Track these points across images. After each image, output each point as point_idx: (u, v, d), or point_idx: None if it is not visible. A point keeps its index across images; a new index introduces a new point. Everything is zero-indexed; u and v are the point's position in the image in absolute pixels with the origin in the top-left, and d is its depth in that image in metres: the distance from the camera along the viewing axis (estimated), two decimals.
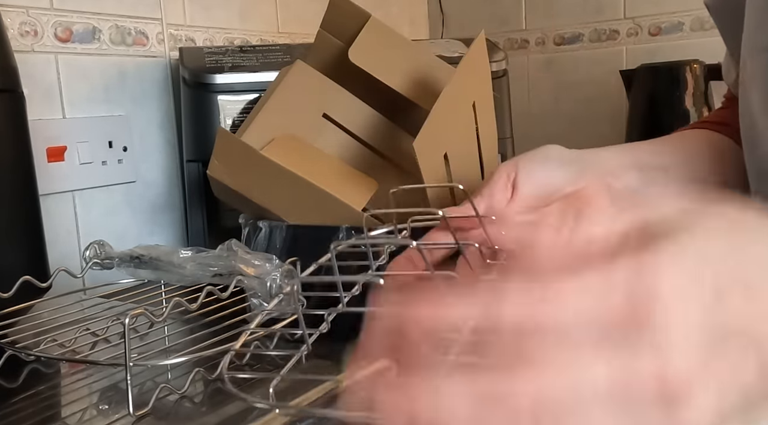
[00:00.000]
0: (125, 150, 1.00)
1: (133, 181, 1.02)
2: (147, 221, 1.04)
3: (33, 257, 0.73)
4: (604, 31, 1.50)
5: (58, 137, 0.91)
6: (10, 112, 0.71)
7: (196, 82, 0.97)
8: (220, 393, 0.54)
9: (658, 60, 1.34)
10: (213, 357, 0.55)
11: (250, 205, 0.68)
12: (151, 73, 1.04)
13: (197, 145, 0.99)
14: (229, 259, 0.64)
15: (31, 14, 0.89)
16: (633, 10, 1.48)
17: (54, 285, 0.67)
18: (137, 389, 0.53)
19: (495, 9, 1.61)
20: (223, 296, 0.60)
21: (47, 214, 0.80)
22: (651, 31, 1.47)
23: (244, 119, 0.80)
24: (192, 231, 1.03)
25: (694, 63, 1.29)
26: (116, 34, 0.99)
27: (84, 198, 0.95)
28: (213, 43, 1.13)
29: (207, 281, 0.65)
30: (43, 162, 0.88)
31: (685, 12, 1.42)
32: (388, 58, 0.70)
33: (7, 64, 0.71)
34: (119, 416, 0.50)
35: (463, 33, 1.29)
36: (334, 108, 0.71)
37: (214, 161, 0.68)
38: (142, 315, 0.53)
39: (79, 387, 0.58)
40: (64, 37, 0.93)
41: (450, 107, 0.63)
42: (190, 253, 0.68)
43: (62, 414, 0.53)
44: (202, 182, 0.97)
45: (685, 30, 1.43)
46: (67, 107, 0.93)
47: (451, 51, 1.02)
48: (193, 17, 1.10)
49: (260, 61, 0.99)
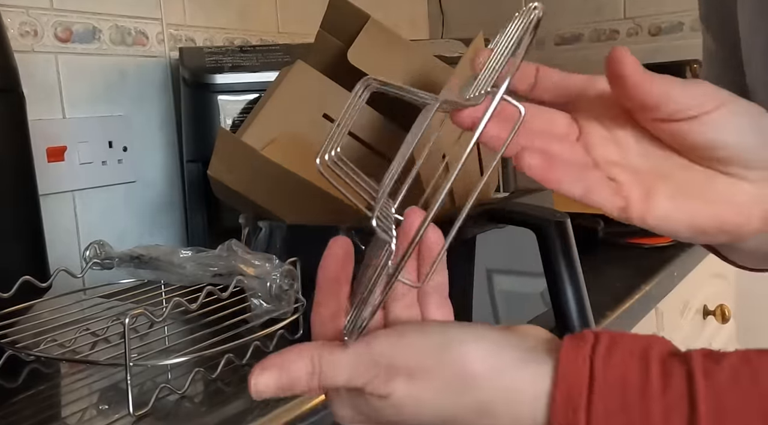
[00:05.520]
0: (125, 150, 1.00)
1: (133, 181, 1.02)
2: (147, 221, 1.04)
3: (33, 257, 0.73)
4: (604, 31, 1.50)
5: (58, 137, 0.91)
6: (10, 112, 0.71)
7: (196, 82, 0.97)
8: (220, 393, 0.54)
9: (658, 60, 1.34)
10: (213, 357, 0.56)
11: (250, 205, 0.69)
12: (151, 73, 1.04)
13: (197, 145, 0.99)
14: (229, 259, 0.64)
15: (31, 14, 0.89)
16: (633, 10, 1.48)
17: (54, 285, 0.67)
18: (137, 389, 0.53)
19: (495, 9, 1.61)
20: (223, 296, 0.60)
21: (47, 214, 0.80)
22: (651, 31, 1.47)
23: (244, 119, 0.80)
24: (192, 231, 1.03)
25: (694, 63, 1.29)
26: (116, 34, 0.99)
27: (84, 198, 0.95)
28: (213, 43, 1.13)
29: (207, 281, 0.65)
30: (43, 162, 0.88)
31: (685, 12, 1.42)
32: (387, 59, 0.70)
33: (7, 64, 0.71)
34: (119, 416, 0.50)
35: (463, 33, 1.29)
36: (334, 108, 0.71)
37: (215, 161, 0.68)
38: (142, 315, 0.53)
39: (79, 387, 0.58)
40: (64, 37, 0.93)
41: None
42: (190, 253, 0.68)
43: (62, 414, 0.54)
44: (202, 182, 0.97)
45: (685, 30, 1.43)
46: (67, 107, 0.93)
47: (451, 51, 1.02)
48: (193, 17, 1.10)
49: (260, 61, 0.99)
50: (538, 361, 0.31)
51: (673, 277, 0.96)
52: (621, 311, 0.79)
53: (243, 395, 0.53)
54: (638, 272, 0.90)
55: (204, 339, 0.56)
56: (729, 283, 1.30)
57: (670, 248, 1.00)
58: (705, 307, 1.21)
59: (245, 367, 0.58)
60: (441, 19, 1.67)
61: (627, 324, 0.82)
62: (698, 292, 1.18)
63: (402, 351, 0.33)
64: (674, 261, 0.96)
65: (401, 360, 0.33)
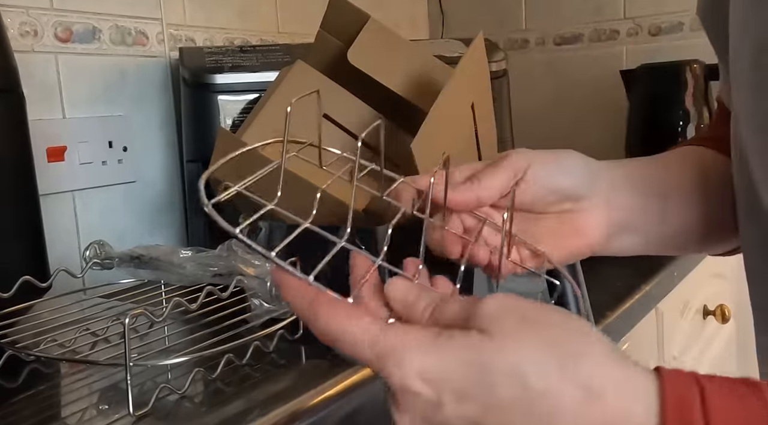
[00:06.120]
0: (125, 150, 1.00)
1: (133, 181, 1.02)
2: (147, 221, 1.04)
3: (33, 257, 0.73)
4: (604, 31, 1.50)
5: (58, 137, 0.91)
6: (10, 112, 0.72)
7: (196, 82, 0.97)
8: (220, 393, 0.54)
9: (658, 60, 1.34)
10: (213, 357, 0.56)
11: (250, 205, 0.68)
12: (151, 73, 1.04)
13: (197, 145, 0.99)
14: (229, 259, 0.64)
15: (31, 14, 0.89)
16: (633, 10, 1.48)
17: (54, 285, 0.67)
18: (137, 389, 0.54)
19: (495, 9, 1.61)
20: (223, 296, 0.60)
21: (47, 214, 0.80)
22: (651, 31, 1.47)
23: (244, 119, 0.80)
24: (192, 231, 1.03)
25: (694, 63, 1.29)
26: (116, 34, 0.99)
27: (84, 198, 0.95)
28: (213, 43, 1.13)
29: (207, 281, 0.65)
30: (43, 162, 0.88)
31: (685, 12, 1.42)
32: (387, 59, 0.70)
33: (7, 64, 0.71)
34: (119, 416, 0.50)
35: (463, 33, 1.29)
36: (334, 108, 0.71)
37: (215, 160, 0.68)
38: (142, 315, 0.53)
39: (79, 387, 0.58)
40: (64, 37, 0.93)
41: (448, 108, 0.63)
42: (190, 253, 0.68)
43: (62, 414, 0.54)
44: None
45: (685, 30, 1.43)
46: (67, 107, 0.93)
47: (451, 51, 1.02)
48: (193, 17, 1.10)
49: (260, 61, 0.99)
50: None
51: (673, 277, 0.96)
52: (621, 311, 0.79)
53: (243, 395, 0.53)
54: (638, 272, 0.90)
55: (204, 339, 0.56)
56: (729, 283, 1.30)
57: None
58: (705, 307, 1.21)
59: (245, 367, 0.58)
60: (441, 19, 1.67)
61: (627, 324, 0.82)
62: (698, 292, 1.18)
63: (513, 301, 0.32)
64: (674, 261, 0.96)
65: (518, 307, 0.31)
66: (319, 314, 0.32)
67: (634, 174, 0.51)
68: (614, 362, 0.30)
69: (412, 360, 0.30)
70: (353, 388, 0.54)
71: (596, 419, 0.28)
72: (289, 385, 0.54)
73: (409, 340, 0.31)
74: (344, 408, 0.53)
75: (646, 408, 0.28)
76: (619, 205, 0.49)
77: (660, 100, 1.31)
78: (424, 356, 0.30)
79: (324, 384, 0.53)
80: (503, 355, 0.29)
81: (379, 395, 0.42)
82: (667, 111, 1.30)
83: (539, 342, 0.30)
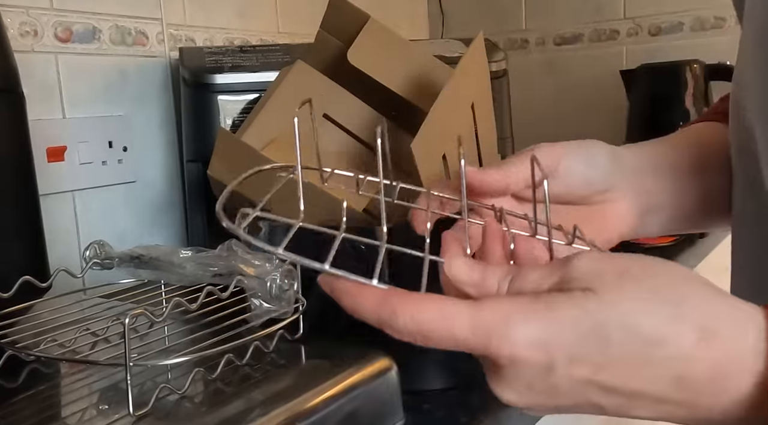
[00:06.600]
0: (125, 150, 1.00)
1: (133, 181, 1.02)
2: (147, 221, 1.04)
3: (33, 257, 0.73)
4: (604, 31, 1.50)
5: (58, 137, 0.91)
6: (10, 112, 0.71)
7: (196, 82, 0.97)
8: (220, 393, 0.54)
9: (658, 60, 1.34)
10: (213, 357, 0.56)
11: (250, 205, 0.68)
12: (151, 73, 1.04)
13: (197, 145, 0.99)
14: (229, 259, 0.64)
15: (31, 14, 0.89)
16: (633, 10, 1.48)
17: (54, 285, 0.67)
18: (137, 389, 0.53)
19: (495, 9, 1.62)
20: (223, 296, 0.60)
21: (47, 214, 0.80)
22: (651, 31, 1.47)
23: (244, 119, 0.80)
24: (192, 231, 1.03)
25: (694, 63, 1.29)
26: (116, 34, 0.99)
27: (84, 198, 0.95)
28: (213, 43, 1.13)
29: (207, 281, 0.65)
30: (43, 162, 0.88)
31: (685, 12, 1.42)
32: (387, 59, 0.70)
33: (7, 64, 0.71)
34: (119, 416, 0.50)
35: (463, 33, 1.29)
36: (334, 108, 0.71)
37: (215, 161, 0.68)
38: (142, 315, 0.53)
39: (79, 387, 0.58)
40: (64, 37, 0.93)
41: (448, 108, 0.63)
42: (190, 253, 0.68)
43: (62, 414, 0.53)
44: (202, 182, 0.97)
45: (685, 30, 1.43)
46: (67, 107, 0.93)
47: (451, 51, 1.02)
48: (193, 17, 1.10)
49: (260, 61, 0.99)
50: None
51: None
52: None
53: (243, 395, 0.53)
54: None
55: (204, 339, 0.56)
56: (729, 283, 1.30)
57: (671, 248, 1.00)
58: None
59: (245, 367, 0.58)
60: (441, 19, 1.68)
61: None
62: None
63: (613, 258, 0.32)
64: (675, 260, 0.96)
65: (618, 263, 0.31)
66: (398, 311, 0.30)
67: (657, 156, 0.51)
68: (722, 299, 0.30)
69: (518, 329, 0.29)
70: (353, 388, 0.54)
71: (713, 356, 0.29)
72: (289, 385, 0.54)
73: (509, 311, 0.30)
74: (344, 408, 0.53)
75: (757, 337, 0.29)
76: (647, 189, 0.49)
77: (660, 100, 1.31)
78: (530, 323, 0.29)
79: (324, 384, 0.53)
80: (613, 309, 0.29)
81: (379, 395, 0.42)
82: (667, 111, 1.30)
83: (645, 292, 0.30)
